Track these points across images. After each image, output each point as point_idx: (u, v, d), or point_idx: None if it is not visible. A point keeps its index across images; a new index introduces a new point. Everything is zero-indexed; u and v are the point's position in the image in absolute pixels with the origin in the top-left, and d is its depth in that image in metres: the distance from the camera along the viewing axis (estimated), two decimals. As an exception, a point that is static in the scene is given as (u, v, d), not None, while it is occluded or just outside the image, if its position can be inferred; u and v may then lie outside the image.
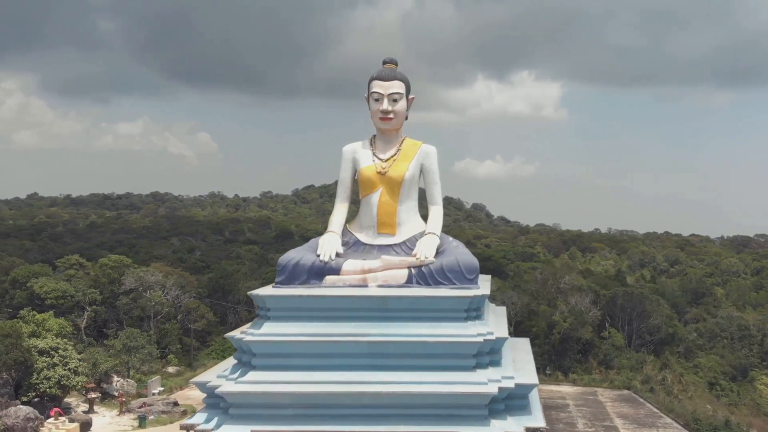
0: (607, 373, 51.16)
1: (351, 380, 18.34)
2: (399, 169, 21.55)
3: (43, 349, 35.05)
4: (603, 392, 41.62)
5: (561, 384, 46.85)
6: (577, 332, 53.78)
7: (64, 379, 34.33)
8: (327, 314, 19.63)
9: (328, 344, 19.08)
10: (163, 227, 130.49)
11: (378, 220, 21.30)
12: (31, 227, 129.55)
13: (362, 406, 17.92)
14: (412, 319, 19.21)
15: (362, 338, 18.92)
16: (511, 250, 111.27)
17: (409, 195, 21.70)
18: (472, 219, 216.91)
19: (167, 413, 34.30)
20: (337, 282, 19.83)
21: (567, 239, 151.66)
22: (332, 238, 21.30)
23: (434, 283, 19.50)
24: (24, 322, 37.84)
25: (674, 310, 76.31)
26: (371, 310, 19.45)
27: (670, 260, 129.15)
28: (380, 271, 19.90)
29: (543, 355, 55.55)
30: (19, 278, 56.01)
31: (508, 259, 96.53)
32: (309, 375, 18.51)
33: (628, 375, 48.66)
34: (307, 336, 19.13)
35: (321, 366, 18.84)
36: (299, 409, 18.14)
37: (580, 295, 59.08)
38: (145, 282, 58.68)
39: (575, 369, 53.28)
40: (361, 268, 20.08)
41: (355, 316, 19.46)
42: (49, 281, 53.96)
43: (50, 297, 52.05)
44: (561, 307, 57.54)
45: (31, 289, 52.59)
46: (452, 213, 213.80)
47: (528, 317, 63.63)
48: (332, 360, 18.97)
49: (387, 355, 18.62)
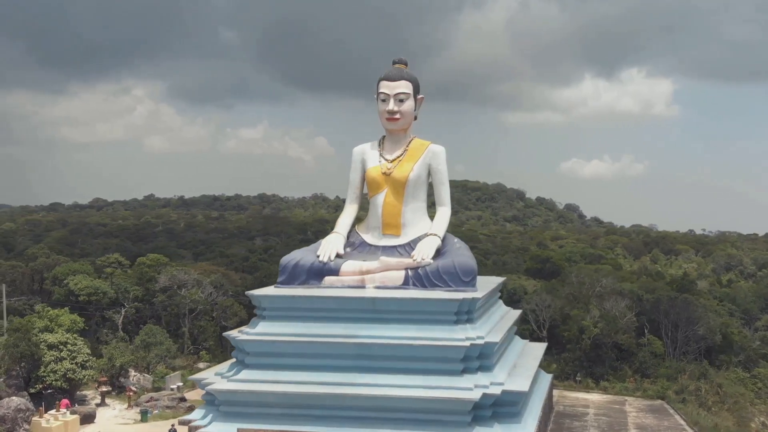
0: (643, 381, 49.64)
1: (337, 381, 18.50)
2: (403, 170, 21.61)
3: (53, 343, 36.21)
4: (633, 402, 40.51)
5: (591, 392, 45.78)
6: (610, 338, 52.32)
7: (70, 373, 35.41)
8: (319, 315, 19.88)
9: (317, 345, 19.29)
10: (254, 227, 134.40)
11: (383, 221, 21.46)
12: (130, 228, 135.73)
13: (345, 408, 18.09)
14: (401, 321, 19.28)
15: (350, 340, 19.03)
16: (578, 252, 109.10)
17: (415, 196, 21.73)
18: (563, 220, 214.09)
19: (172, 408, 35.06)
20: (336, 283, 20.08)
21: (650, 241, 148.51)
22: (335, 239, 21.55)
23: (430, 285, 19.50)
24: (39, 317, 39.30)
25: (744, 317, 73.57)
26: (362, 312, 19.66)
27: (758, 263, 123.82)
28: (378, 272, 19.98)
29: (574, 362, 54.34)
30: (59, 275, 58.84)
31: (573, 261, 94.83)
32: (297, 375, 18.78)
33: (664, 384, 47.13)
34: (297, 336, 19.37)
35: (310, 366, 19.08)
36: (286, 409, 18.40)
37: (615, 299, 57.55)
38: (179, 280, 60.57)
39: (608, 377, 51.88)
40: (359, 269, 20.24)
41: (346, 318, 19.66)
42: (84, 279, 56.24)
43: (83, 293, 54.29)
44: (593, 311, 56.06)
45: (68, 286, 55.14)
46: (543, 213, 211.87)
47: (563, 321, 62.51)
48: (321, 360, 19.20)
49: (374, 357, 18.74)
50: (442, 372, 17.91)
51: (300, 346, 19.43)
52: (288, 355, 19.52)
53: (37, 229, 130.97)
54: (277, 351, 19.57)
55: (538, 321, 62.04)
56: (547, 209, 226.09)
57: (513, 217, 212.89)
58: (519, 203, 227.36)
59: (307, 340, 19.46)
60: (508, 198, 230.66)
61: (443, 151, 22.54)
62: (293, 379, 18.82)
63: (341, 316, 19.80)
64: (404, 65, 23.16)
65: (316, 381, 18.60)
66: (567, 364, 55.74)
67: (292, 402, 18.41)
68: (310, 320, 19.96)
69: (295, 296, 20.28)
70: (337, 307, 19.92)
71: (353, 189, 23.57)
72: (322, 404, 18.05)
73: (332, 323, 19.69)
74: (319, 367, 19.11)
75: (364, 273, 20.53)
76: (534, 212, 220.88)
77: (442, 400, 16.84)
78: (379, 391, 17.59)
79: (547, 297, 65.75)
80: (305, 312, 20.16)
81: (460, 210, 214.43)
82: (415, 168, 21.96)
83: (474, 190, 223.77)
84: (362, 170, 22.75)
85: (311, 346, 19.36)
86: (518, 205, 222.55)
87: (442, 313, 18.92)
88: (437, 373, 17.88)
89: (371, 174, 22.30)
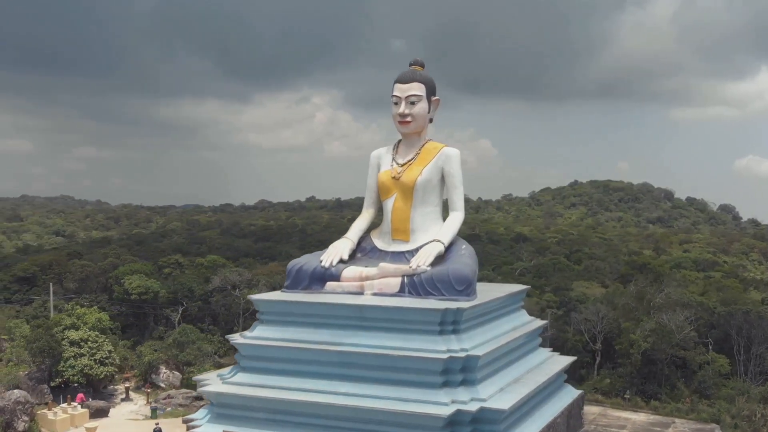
0: (700, 402, 48.04)
1: (319, 389, 18.85)
2: (411, 174, 22.01)
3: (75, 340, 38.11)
4: (680, 425, 39.06)
5: (638, 411, 44.46)
6: (663, 353, 50.85)
7: (87, 369, 37.16)
8: (310, 321, 20.50)
9: (304, 351, 19.83)
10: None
11: (392, 227, 22.01)
12: (258, 229, 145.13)
13: (323, 417, 18.45)
14: (388, 330, 19.61)
15: (334, 347, 19.37)
16: (690, 258, 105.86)
17: (425, 200, 22.07)
18: (715, 221, 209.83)
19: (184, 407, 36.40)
20: (337, 288, 20.82)
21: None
22: (341, 244, 22.19)
23: (424, 293, 19.79)
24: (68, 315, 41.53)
25: None
26: (350, 319, 20.03)
27: None
28: (377, 278, 20.21)
29: (624, 377, 53.04)
30: (119, 275, 62.55)
31: (681, 267, 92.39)
32: (283, 380, 19.47)
33: (722, 407, 45.53)
34: (286, 341, 20.05)
35: (297, 372, 19.73)
36: (269, 414, 19.01)
37: (673, 311, 55.77)
38: (232, 281, 62.74)
39: (662, 395, 50.46)
40: (359, 275, 20.70)
41: (335, 324, 20.17)
42: (138, 278, 59.20)
43: (135, 292, 57.28)
44: (646, 323, 54.58)
45: (123, 285, 58.41)
46: (692, 215, 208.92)
47: (619, 334, 61.06)
48: (307, 367, 19.75)
49: (357, 366, 19.10)
50: (421, 385, 18.10)
51: (288, 352, 20.00)
52: (277, 359, 20.14)
53: (195, 228, 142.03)
54: (268, 355, 20.22)
55: (592, 332, 60.71)
56: (698, 210, 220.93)
57: (658, 219, 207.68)
58: (665, 204, 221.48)
59: (295, 346, 20.01)
60: (654, 198, 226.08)
61: (457, 153, 22.70)
62: (278, 385, 19.45)
63: (331, 322, 20.28)
64: (420, 67, 23.28)
65: (299, 387, 19.13)
66: (617, 379, 54.54)
67: (274, 407, 19.03)
68: (302, 326, 20.54)
69: (288, 301, 20.87)
70: (327, 314, 20.42)
71: (370, 193, 24.07)
72: (301, 411, 18.49)
73: (322, 330, 20.20)
74: (305, 374, 19.65)
75: (363, 279, 20.94)
76: (682, 213, 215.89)
77: (414, 415, 16.98)
78: (355, 401, 17.91)
79: (602, 307, 64.38)
80: (298, 317, 20.75)
81: (599, 211, 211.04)
82: (424, 172, 22.22)
83: (616, 191, 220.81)
84: (377, 174, 23.05)
85: (299, 352, 19.89)
86: (665, 206, 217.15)
87: (426, 323, 19.09)
88: (416, 386, 18.08)
89: (381, 178, 22.78)
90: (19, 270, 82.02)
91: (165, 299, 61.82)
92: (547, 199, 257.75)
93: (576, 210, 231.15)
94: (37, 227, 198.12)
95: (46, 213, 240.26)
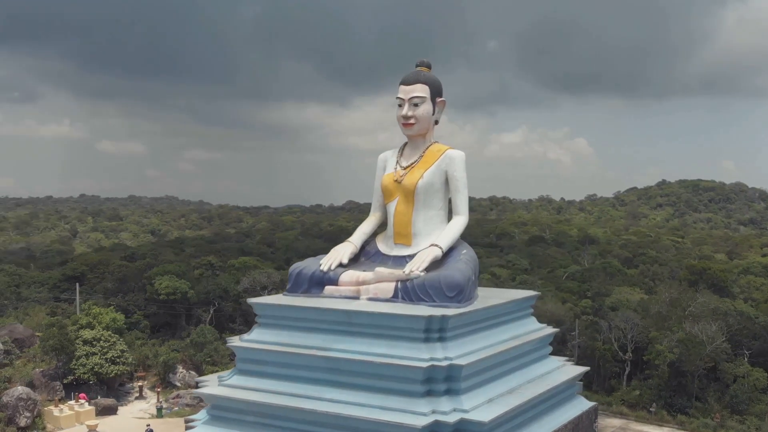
0: (730, 418, 47.07)
1: (306, 395, 19.34)
2: (413, 177, 22.38)
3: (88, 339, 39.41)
4: (704, 441, 38.70)
5: (663, 425, 44.22)
6: (691, 365, 49.94)
7: (98, 367, 38.39)
8: (302, 325, 21.11)
9: (294, 356, 20.31)
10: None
11: (394, 230, 22.38)
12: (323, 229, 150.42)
13: (306, 423, 18.87)
14: (375, 336, 20.01)
15: (322, 353, 19.78)
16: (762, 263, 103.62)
17: (427, 204, 22.43)
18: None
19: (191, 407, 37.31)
20: (334, 292, 21.41)
21: None
22: (342, 248, 22.71)
23: (416, 299, 20.17)
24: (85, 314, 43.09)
25: None
26: (339, 324, 20.45)
27: None
28: (373, 283, 20.57)
29: (653, 389, 52.21)
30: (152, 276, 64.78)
31: (749, 272, 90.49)
32: (274, 384, 20.16)
33: (753, 423, 44.56)
34: (278, 345, 20.68)
35: (288, 377, 20.33)
36: (258, 418, 19.61)
37: (704, 321, 54.67)
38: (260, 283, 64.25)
39: (691, 409, 49.53)
40: (355, 280, 21.03)
41: (325, 330, 20.72)
42: (167, 279, 61.09)
43: (163, 293, 59.09)
44: (673, 334, 53.67)
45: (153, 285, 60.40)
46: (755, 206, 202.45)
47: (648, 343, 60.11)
48: (298, 372, 20.29)
49: (343, 372, 19.50)
50: (403, 393, 18.43)
51: (281, 356, 20.57)
52: (271, 363, 20.75)
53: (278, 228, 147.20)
54: (262, 359, 20.85)
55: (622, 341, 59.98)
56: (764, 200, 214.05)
57: (750, 220, 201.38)
58: (759, 205, 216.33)
59: (288, 350, 20.57)
60: (747, 199, 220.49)
61: (461, 156, 22.93)
62: (269, 389, 20.04)
63: (323, 327, 20.79)
64: (426, 68, 23.41)
65: (289, 392, 19.65)
66: (645, 391, 53.67)
67: (261, 411, 19.59)
68: (296, 330, 21.11)
69: (282, 305, 21.44)
70: (318, 319, 20.88)
71: (376, 197, 24.63)
72: (287, 416, 18.98)
73: (314, 335, 20.71)
74: (296, 378, 20.21)
75: (360, 283, 21.29)
76: (746, 204, 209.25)
77: (390, 425, 17.27)
78: (337, 408, 18.33)
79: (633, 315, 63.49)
80: (292, 321, 21.34)
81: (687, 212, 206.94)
82: (426, 175, 22.56)
83: (707, 191, 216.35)
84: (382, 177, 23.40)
85: (291, 357, 20.45)
86: (758, 207, 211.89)
87: (410, 330, 19.42)
88: (399, 394, 18.39)
89: (384, 181, 23.22)
90: (68, 269, 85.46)
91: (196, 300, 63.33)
92: (632, 200, 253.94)
93: (662, 211, 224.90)
94: (135, 226, 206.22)
95: (146, 213, 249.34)
